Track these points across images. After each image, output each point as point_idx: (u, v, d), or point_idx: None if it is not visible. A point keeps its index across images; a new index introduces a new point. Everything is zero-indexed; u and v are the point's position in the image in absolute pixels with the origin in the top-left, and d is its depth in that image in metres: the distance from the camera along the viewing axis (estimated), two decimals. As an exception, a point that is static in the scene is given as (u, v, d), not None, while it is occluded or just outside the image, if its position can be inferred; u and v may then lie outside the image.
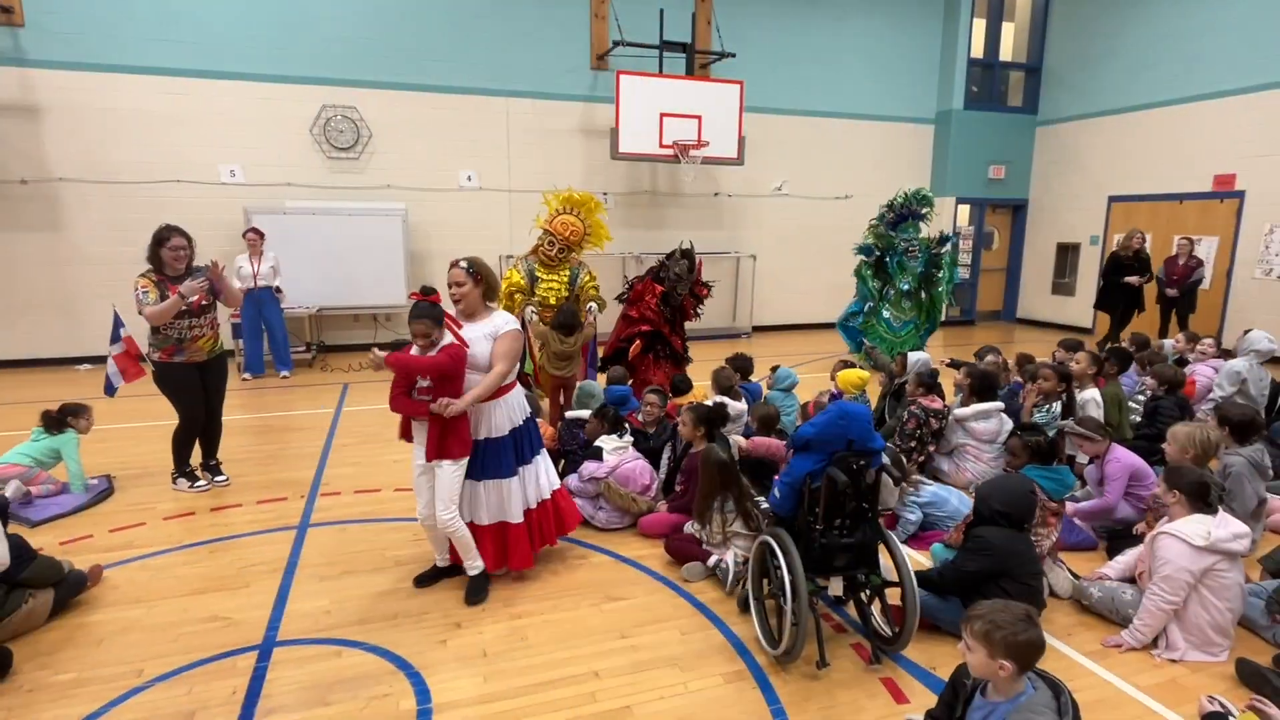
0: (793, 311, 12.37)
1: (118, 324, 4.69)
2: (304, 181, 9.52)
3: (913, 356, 5.76)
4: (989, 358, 6.17)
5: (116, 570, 3.77)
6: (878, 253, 8.91)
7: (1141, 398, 5.67)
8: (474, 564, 3.51)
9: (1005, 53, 12.91)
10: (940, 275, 8.75)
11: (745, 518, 3.72)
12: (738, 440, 4.44)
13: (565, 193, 6.03)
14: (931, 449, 5.08)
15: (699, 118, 10.21)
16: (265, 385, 8.12)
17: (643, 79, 9.94)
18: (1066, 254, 12.76)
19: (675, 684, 2.89)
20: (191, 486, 4.94)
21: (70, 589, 3.40)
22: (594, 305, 5.94)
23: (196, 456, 5.02)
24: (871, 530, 2.98)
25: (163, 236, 4.63)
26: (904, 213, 8.79)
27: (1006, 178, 13.07)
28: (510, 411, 3.50)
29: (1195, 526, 2.99)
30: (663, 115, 10.04)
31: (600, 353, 6.57)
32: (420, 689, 2.84)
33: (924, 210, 8.81)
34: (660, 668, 3.00)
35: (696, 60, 10.65)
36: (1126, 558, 3.53)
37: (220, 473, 5.07)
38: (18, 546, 3.19)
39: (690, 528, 3.94)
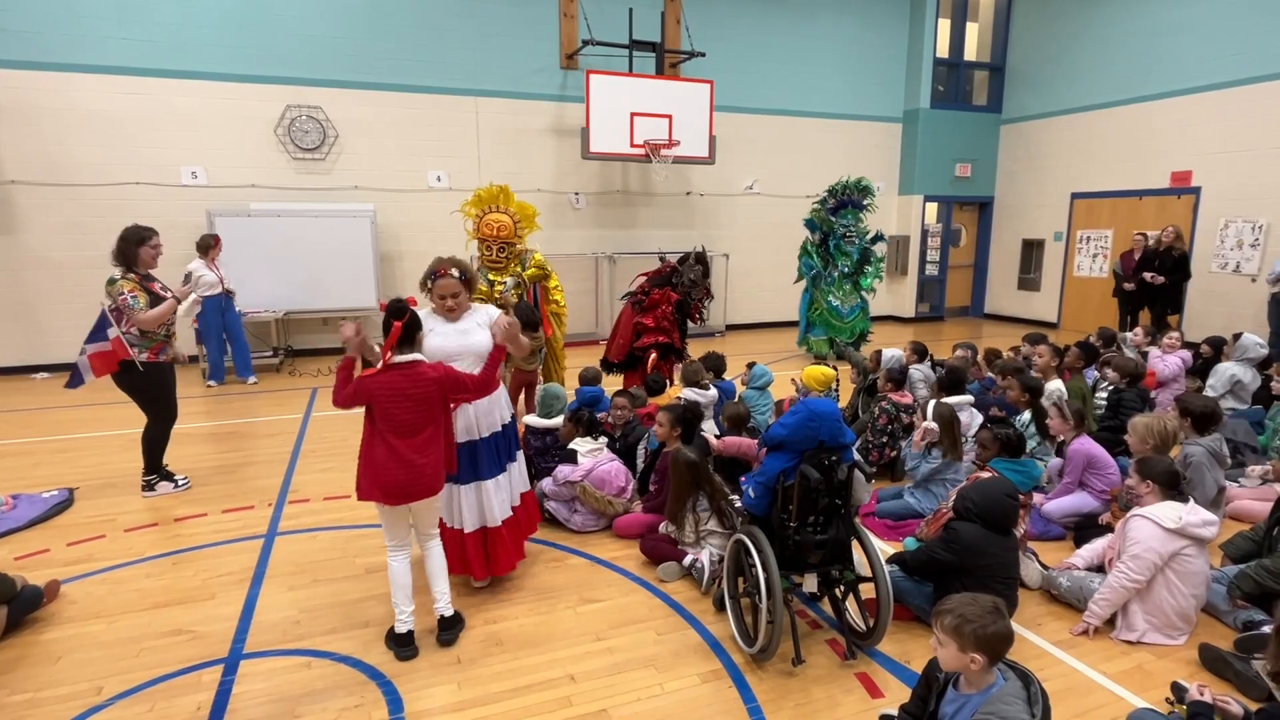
0: (765, 309, 12.44)
1: (105, 323, 4.53)
2: (269, 183, 9.35)
3: (887, 353, 5.82)
4: (958, 352, 6.26)
5: (75, 585, 3.66)
6: (820, 231, 9.55)
7: (1104, 392, 5.79)
8: (446, 599, 3.18)
9: (970, 52, 13.12)
10: (869, 269, 9.49)
11: (719, 516, 3.72)
12: (709, 439, 4.43)
13: (474, 196, 5.90)
14: (903, 444, 5.12)
15: (669, 117, 10.21)
16: (229, 391, 7.94)
17: (613, 78, 9.92)
18: (1031, 250, 13.00)
19: (652, 685, 2.88)
20: (176, 487, 4.90)
21: (25, 606, 3.29)
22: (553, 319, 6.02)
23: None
24: (845, 526, 2.99)
25: (144, 235, 4.59)
26: (844, 200, 9.43)
27: (973, 175, 13.29)
28: (500, 409, 3.48)
29: (1168, 510, 3.07)
30: (633, 115, 10.03)
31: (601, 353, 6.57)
32: (393, 699, 2.79)
33: (865, 200, 9.45)
34: (637, 669, 2.99)
35: (666, 59, 10.66)
36: (1094, 546, 3.61)
37: (174, 479, 5.01)
38: (-32, 563, 3.07)
39: (665, 528, 3.93)
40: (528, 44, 10.23)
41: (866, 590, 3.12)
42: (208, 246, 7.95)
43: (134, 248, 4.55)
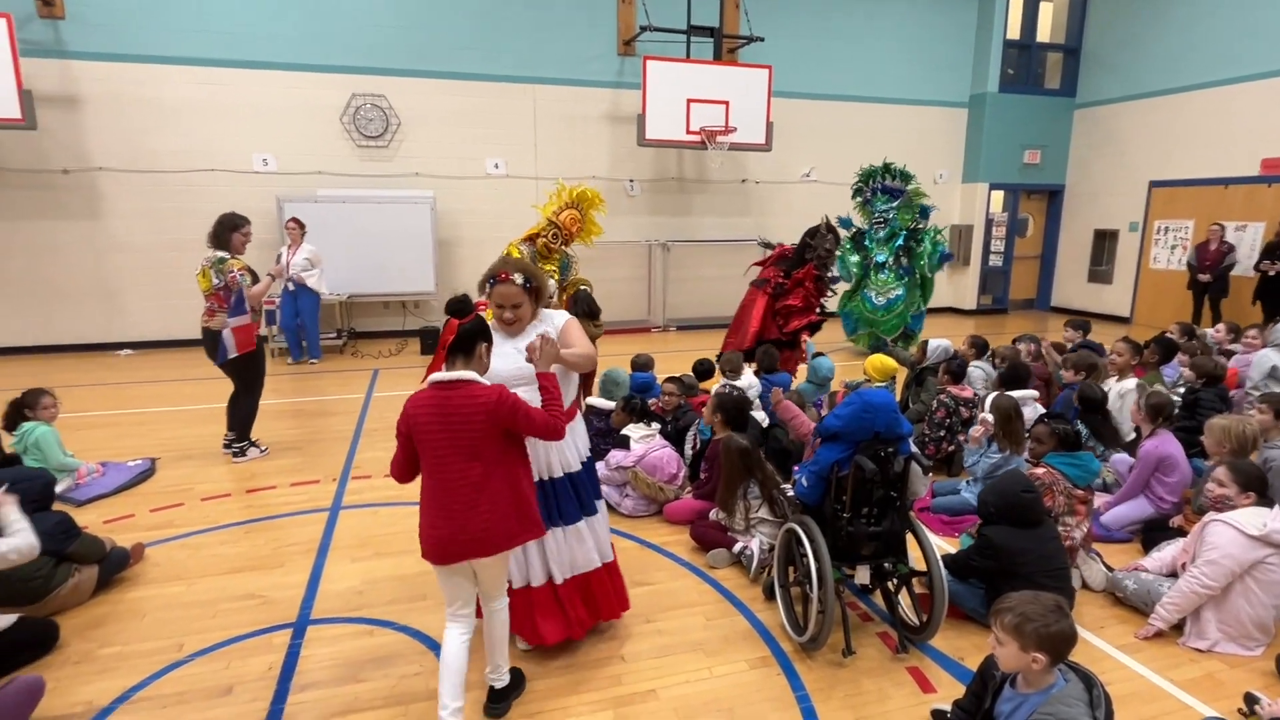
0: (820, 300, 12.25)
1: (242, 301, 4.90)
2: (334, 170, 9.64)
3: (933, 343, 5.69)
4: (1021, 346, 6.06)
5: (157, 549, 3.89)
6: (855, 227, 9.05)
7: (1181, 389, 5.53)
8: (501, 671, 2.63)
9: (1043, 33, 12.57)
10: (920, 250, 8.74)
11: (771, 505, 3.71)
12: (775, 391, 4.37)
13: (576, 188, 5.96)
14: (961, 438, 5.00)
15: (726, 103, 10.11)
16: (298, 371, 8.27)
17: (670, 64, 9.87)
18: (1104, 241, 12.44)
19: (701, 669, 2.91)
20: (261, 453, 5.34)
21: (114, 566, 3.52)
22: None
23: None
24: (899, 519, 2.95)
25: (238, 222, 4.99)
26: (876, 187, 8.92)
27: (1042, 162, 12.77)
28: (578, 441, 2.88)
29: (1251, 517, 2.93)
30: (690, 101, 9.96)
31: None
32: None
33: (900, 185, 8.87)
34: (686, 652, 3.02)
35: (724, 45, 10.54)
36: (1164, 553, 3.46)
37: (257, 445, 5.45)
38: (64, 523, 3.30)
39: (715, 515, 3.94)
40: (585, 31, 10.25)
41: (920, 584, 3.07)
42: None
43: (228, 232, 4.95)
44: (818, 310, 6.37)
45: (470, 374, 2.31)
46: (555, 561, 2.84)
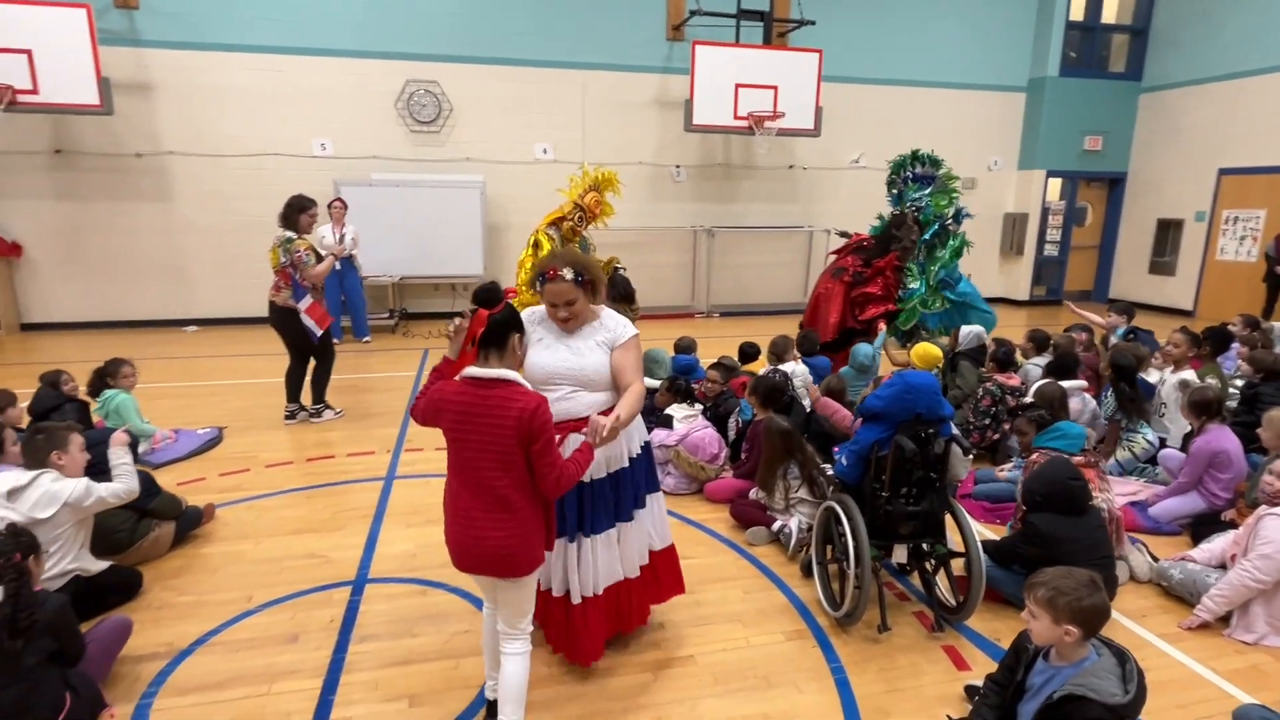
0: (867, 288, 12.10)
1: (299, 286, 5.29)
2: (388, 154, 9.90)
3: (964, 330, 5.64)
4: (1071, 334, 5.95)
5: (226, 509, 4.15)
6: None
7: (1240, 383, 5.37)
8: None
9: (1108, 14, 12.10)
10: (939, 256, 8.34)
11: (810, 485, 3.77)
12: (812, 388, 4.43)
13: (598, 171, 6.08)
14: (1006, 427, 4.96)
15: (775, 88, 10.03)
16: (344, 349, 8.55)
17: (718, 49, 9.84)
18: (1168, 231, 11.98)
19: (738, 638, 3.00)
20: (337, 414, 5.81)
21: (189, 523, 3.78)
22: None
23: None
24: (938, 500, 2.98)
25: (305, 204, 5.35)
26: (907, 176, 8.54)
27: (1103, 149, 12.34)
28: (628, 435, 2.63)
29: None
30: (738, 86, 9.92)
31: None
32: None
33: (930, 171, 8.46)
34: (723, 623, 3.11)
35: (775, 29, 10.45)
36: (1214, 544, 3.40)
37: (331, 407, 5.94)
38: (145, 482, 3.54)
39: (755, 494, 4.01)
40: (634, 16, 10.28)
41: (958, 566, 3.10)
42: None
43: (296, 213, 5.31)
44: (895, 300, 6.35)
45: (511, 374, 2.10)
46: (574, 576, 2.59)
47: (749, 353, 5.73)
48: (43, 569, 2.62)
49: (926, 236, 8.28)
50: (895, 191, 8.55)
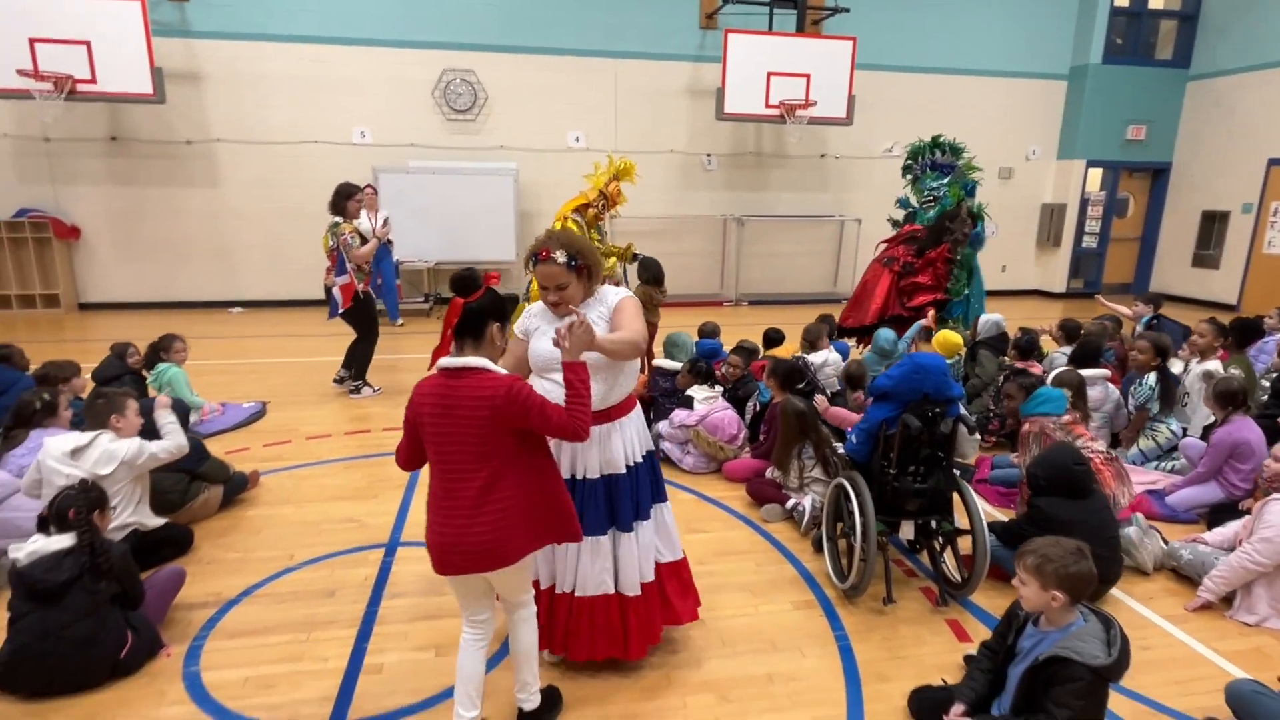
0: (898, 278, 12.03)
1: (344, 263, 5.62)
2: (425, 142, 10.14)
3: (984, 318, 5.66)
4: (1098, 322, 5.92)
5: (269, 477, 4.41)
6: (911, 206, 8.60)
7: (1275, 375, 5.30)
8: (531, 690, 2.35)
9: (1155, -1, 11.81)
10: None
11: (824, 464, 3.87)
12: (819, 400, 4.56)
13: (621, 161, 6.16)
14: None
15: (807, 76, 10.01)
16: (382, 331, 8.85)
17: (751, 37, 9.85)
18: (1213, 223, 11.68)
19: (747, 606, 3.14)
20: (375, 391, 6.05)
21: (235, 488, 4.04)
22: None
23: None
24: (945, 478, 3.07)
25: (351, 191, 5.76)
26: (927, 162, 8.13)
27: (1147, 138, 12.05)
28: (628, 442, 2.51)
29: None
30: (770, 74, 9.92)
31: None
32: (519, 590, 3.22)
33: (950, 160, 8.24)
34: (734, 592, 3.25)
35: (808, 16, 10.41)
36: (1227, 529, 3.43)
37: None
38: (196, 447, 3.80)
39: (771, 473, 4.12)
40: (668, 5, 10.33)
41: (965, 545, 3.18)
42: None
43: (343, 200, 5.69)
44: (945, 290, 6.40)
45: (480, 361, 2.02)
46: (560, 572, 2.53)
47: (773, 338, 5.82)
48: (109, 522, 2.87)
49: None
50: (911, 177, 8.41)
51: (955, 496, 3.17)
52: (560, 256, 2.32)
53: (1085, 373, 4.74)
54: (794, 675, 2.70)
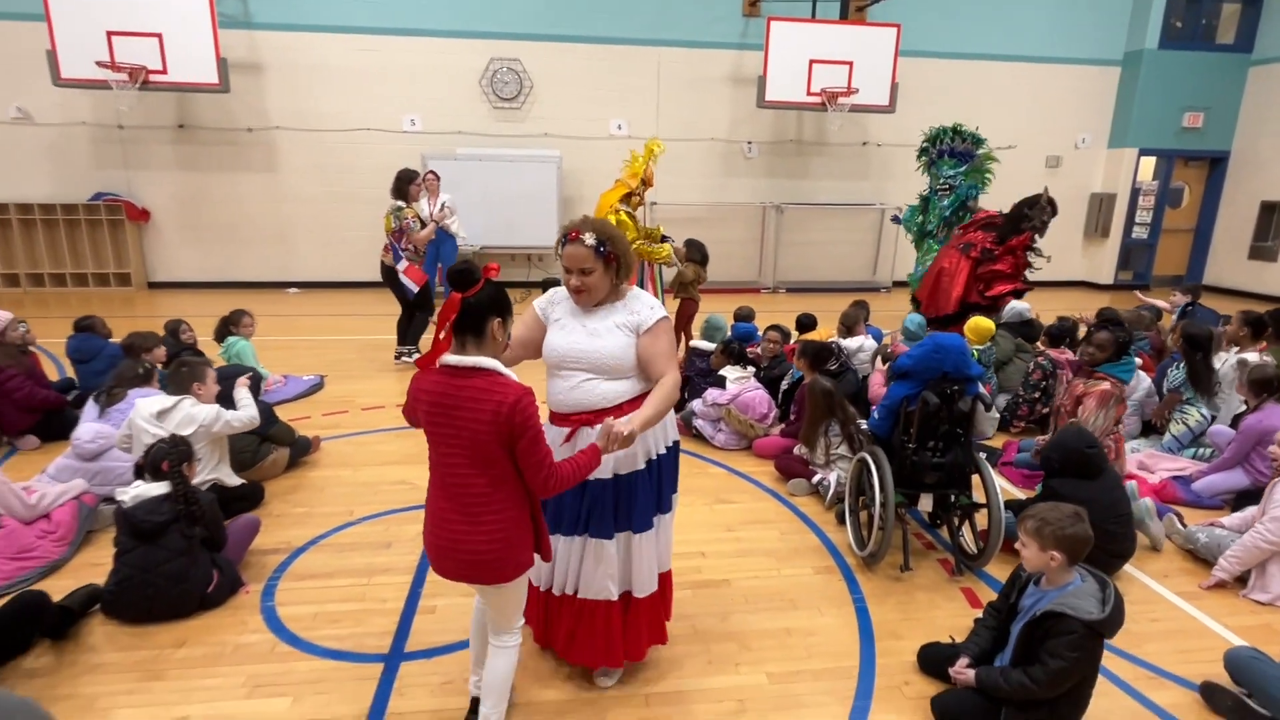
0: (938, 267, 11.97)
1: (398, 251, 6.15)
2: (472, 130, 10.45)
3: (1010, 306, 5.71)
4: (1135, 314, 5.92)
5: (329, 443, 4.75)
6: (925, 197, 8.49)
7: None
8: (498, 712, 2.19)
9: (1216, -18, 11.43)
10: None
11: (849, 442, 4.03)
12: (875, 378, 4.74)
13: (654, 146, 6.34)
14: (1056, 403, 5.05)
15: (850, 64, 10.01)
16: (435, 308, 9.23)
17: (794, 25, 9.89)
18: (1272, 214, 11.33)
19: (770, 569, 3.34)
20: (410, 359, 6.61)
21: (300, 450, 4.39)
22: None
23: None
24: (964, 454, 3.21)
25: (412, 176, 6.30)
26: (943, 149, 8.22)
27: (1204, 126, 11.71)
28: (652, 434, 2.35)
29: None
30: (812, 62, 9.95)
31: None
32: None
33: (969, 148, 8.16)
34: (759, 556, 3.46)
35: (852, 4, 10.39)
36: (1245, 512, 3.49)
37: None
38: (266, 412, 4.15)
39: (799, 450, 4.30)
40: (713, -8, 10.42)
41: (982, 520, 3.32)
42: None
43: (405, 185, 6.20)
44: (1023, 279, 6.43)
45: (491, 362, 1.91)
46: (559, 571, 2.42)
47: (805, 323, 5.96)
48: (195, 474, 3.20)
49: (948, 214, 8.05)
50: (926, 160, 8.32)
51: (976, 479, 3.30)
52: (589, 239, 2.22)
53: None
54: (811, 631, 2.90)
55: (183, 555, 2.85)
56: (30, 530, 3.28)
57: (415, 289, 6.18)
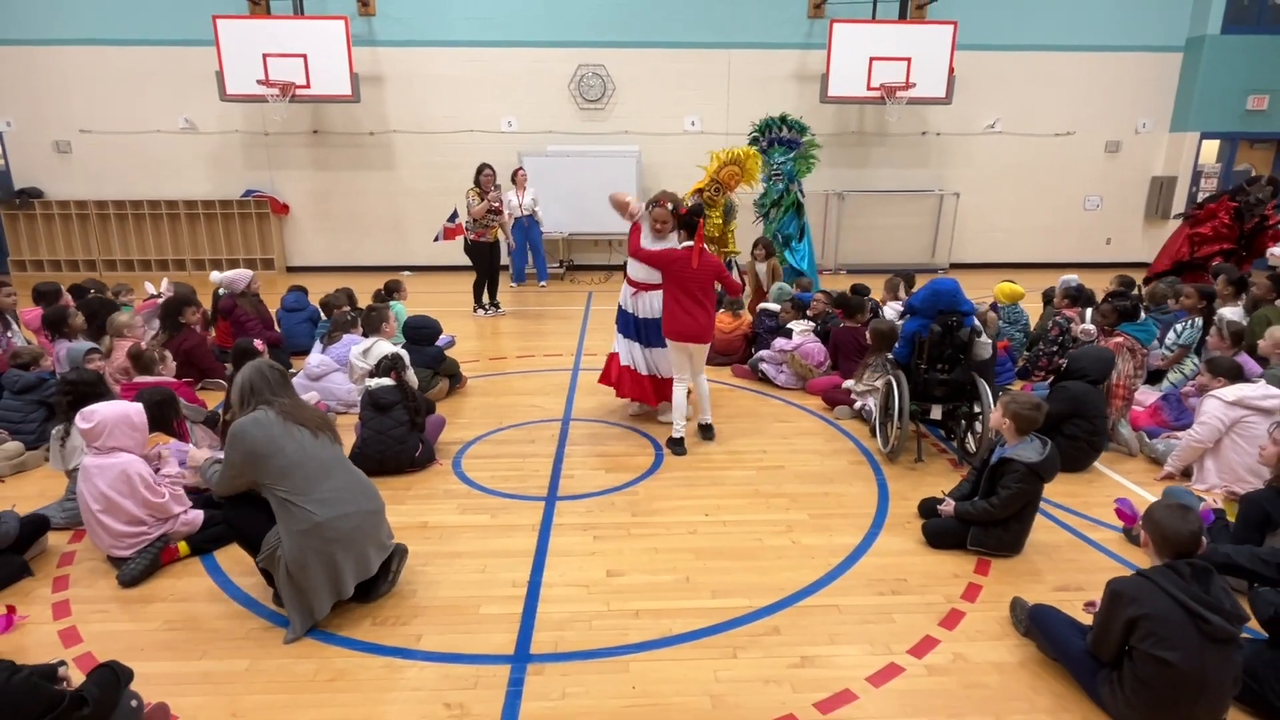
0: (995, 250, 12.57)
1: (454, 214, 8.13)
2: (561, 129, 11.73)
3: (1063, 279, 6.53)
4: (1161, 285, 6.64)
5: (473, 381, 6.09)
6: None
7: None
8: (708, 416, 4.79)
9: (1282, -36, 11.59)
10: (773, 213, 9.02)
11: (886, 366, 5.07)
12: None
13: (729, 152, 7.47)
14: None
15: (908, 60, 10.76)
16: (526, 291, 10.57)
17: (855, 25, 10.73)
18: (1337, 193, 11.46)
19: (814, 461, 4.48)
20: (485, 313, 8.54)
21: (456, 380, 5.74)
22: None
23: None
24: (965, 373, 4.22)
25: (483, 168, 8.02)
26: (772, 138, 9.04)
27: (1269, 108, 11.89)
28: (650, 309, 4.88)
29: (1230, 390, 3.87)
30: (872, 59, 10.76)
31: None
32: (658, 449, 4.69)
33: (795, 136, 9.01)
34: (807, 453, 4.58)
35: (911, 2, 11.13)
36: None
37: (499, 307, 8.73)
38: (438, 351, 5.48)
39: (846, 384, 5.35)
40: (779, -1, 11.36)
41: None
42: (511, 178, 10.56)
43: (478, 175, 8.17)
44: (1237, 243, 6.89)
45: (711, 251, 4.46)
46: (651, 363, 4.94)
47: (859, 289, 6.95)
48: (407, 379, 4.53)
49: (775, 196, 9.05)
50: (757, 150, 8.85)
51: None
52: (669, 206, 4.63)
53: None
54: (842, 495, 4.01)
55: (402, 426, 4.17)
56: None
57: (439, 239, 8.38)
